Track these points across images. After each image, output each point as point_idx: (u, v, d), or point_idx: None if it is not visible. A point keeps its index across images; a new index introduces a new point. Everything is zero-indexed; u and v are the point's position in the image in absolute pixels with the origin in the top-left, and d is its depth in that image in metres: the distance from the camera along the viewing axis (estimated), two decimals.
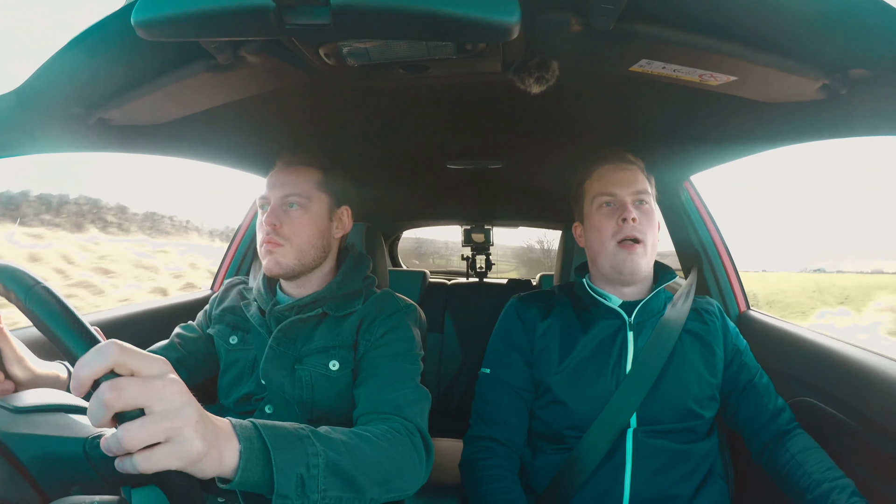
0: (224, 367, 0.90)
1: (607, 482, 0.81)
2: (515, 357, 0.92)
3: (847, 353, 0.86)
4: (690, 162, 1.16)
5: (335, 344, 0.83)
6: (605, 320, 0.89)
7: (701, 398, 0.85)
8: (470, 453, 0.89)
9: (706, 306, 0.95)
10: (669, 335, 0.86)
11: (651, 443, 0.82)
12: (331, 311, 0.86)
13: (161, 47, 0.58)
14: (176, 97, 0.72)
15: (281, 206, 0.86)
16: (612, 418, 0.81)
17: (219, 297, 0.97)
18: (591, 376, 0.85)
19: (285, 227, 0.84)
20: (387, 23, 0.47)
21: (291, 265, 0.84)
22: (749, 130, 0.89)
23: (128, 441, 0.37)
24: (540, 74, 0.63)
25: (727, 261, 1.27)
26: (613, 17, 0.51)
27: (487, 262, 2.38)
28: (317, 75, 0.67)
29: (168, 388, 0.39)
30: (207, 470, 0.43)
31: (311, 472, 0.52)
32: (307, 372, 0.82)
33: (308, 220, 0.86)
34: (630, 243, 0.86)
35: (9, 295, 0.44)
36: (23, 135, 0.71)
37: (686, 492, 0.82)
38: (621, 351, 0.86)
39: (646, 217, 0.88)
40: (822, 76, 0.59)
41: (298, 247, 0.85)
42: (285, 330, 0.84)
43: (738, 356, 0.91)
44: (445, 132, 1.04)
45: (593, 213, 0.91)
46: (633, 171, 0.91)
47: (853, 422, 0.80)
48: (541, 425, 0.89)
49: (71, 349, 0.40)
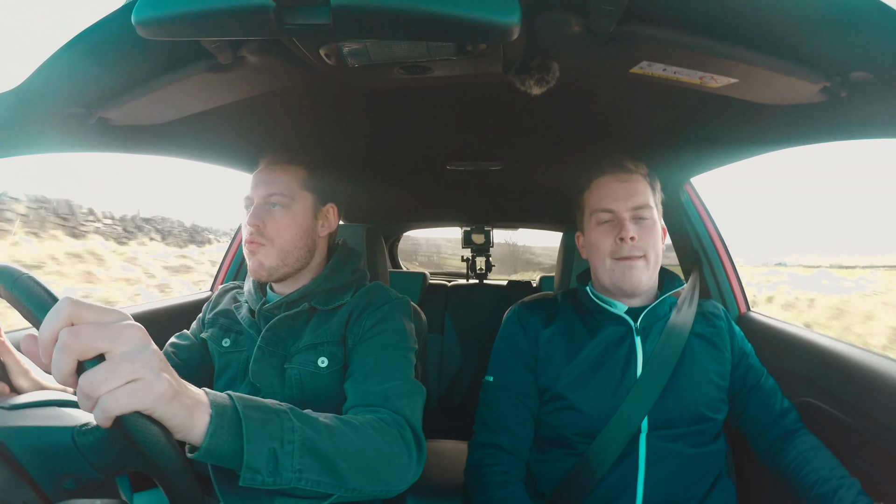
0: (218, 371, 0.89)
1: (620, 485, 0.81)
2: (519, 364, 0.91)
3: (848, 354, 0.86)
4: (691, 164, 1.16)
5: (323, 340, 0.82)
6: (612, 325, 0.89)
7: (711, 400, 0.85)
8: (475, 460, 0.88)
9: (712, 309, 0.95)
10: (678, 339, 0.85)
11: (664, 447, 0.82)
12: (319, 305, 0.85)
13: (161, 47, 0.58)
14: (176, 97, 0.72)
15: (264, 206, 0.84)
16: (624, 422, 0.81)
17: (213, 301, 0.97)
18: (600, 381, 0.85)
19: (268, 228, 0.83)
20: (387, 23, 0.47)
21: (275, 266, 0.83)
22: (750, 133, 0.88)
23: (90, 386, 0.37)
24: (540, 76, 0.63)
25: (727, 263, 1.27)
26: (614, 19, 0.51)
27: (487, 264, 2.38)
28: (317, 75, 0.67)
29: (126, 332, 0.39)
30: (176, 423, 0.42)
31: (284, 447, 0.50)
32: (296, 370, 0.81)
33: (291, 220, 0.85)
34: (629, 259, 0.84)
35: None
36: (23, 135, 0.71)
37: (698, 494, 0.82)
38: (629, 355, 0.86)
39: (646, 232, 0.86)
40: (822, 79, 0.59)
41: (281, 247, 0.83)
42: (274, 328, 0.83)
43: (745, 358, 0.91)
44: (445, 133, 1.04)
45: (592, 229, 0.89)
46: (633, 181, 0.88)
47: (855, 422, 0.80)
48: (549, 431, 0.88)
49: (39, 319, 0.40)
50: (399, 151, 1.18)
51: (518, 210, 2.09)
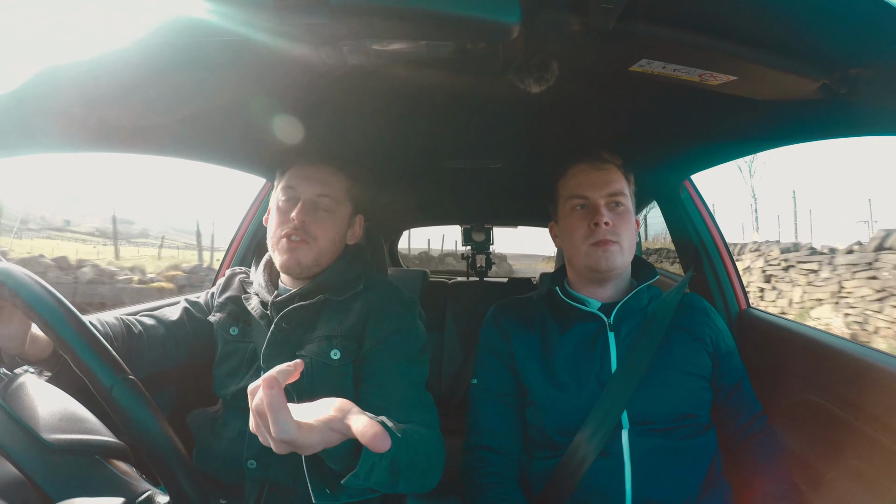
0: (220, 357, 0.89)
1: (606, 483, 0.81)
2: (498, 365, 0.92)
3: (848, 350, 0.86)
4: (690, 161, 1.16)
5: (338, 333, 0.83)
6: (584, 323, 0.89)
7: (693, 392, 0.85)
8: (467, 463, 0.89)
9: (696, 303, 0.95)
10: (655, 332, 0.85)
11: (648, 441, 0.82)
12: (332, 296, 0.86)
13: (161, 47, 0.58)
14: (176, 98, 0.72)
15: (312, 204, 0.85)
16: (601, 419, 0.81)
17: (222, 284, 0.97)
18: (574, 379, 0.85)
19: (313, 226, 0.84)
20: (387, 22, 0.47)
21: (310, 264, 0.85)
22: (749, 130, 0.89)
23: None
24: (539, 74, 0.63)
25: (727, 259, 1.27)
26: (613, 17, 0.51)
27: (487, 262, 2.38)
28: (317, 75, 0.67)
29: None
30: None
31: (380, 461, 0.55)
32: (307, 359, 0.81)
33: (332, 224, 0.87)
34: (604, 242, 0.85)
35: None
36: (23, 135, 0.71)
37: (690, 491, 0.82)
38: (604, 352, 0.86)
39: (620, 219, 0.86)
40: (821, 75, 0.59)
41: (320, 248, 0.85)
42: (287, 317, 0.84)
43: (726, 357, 0.91)
44: (445, 132, 1.04)
45: (567, 215, 0.90)
46: (608, 170, 0.88)
47: (854, 418, 0.80)
48: (533, 431, 0.89)
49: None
50: (399, 150, 1.18)
51: (518, 208, 2.09)
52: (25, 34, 0.51)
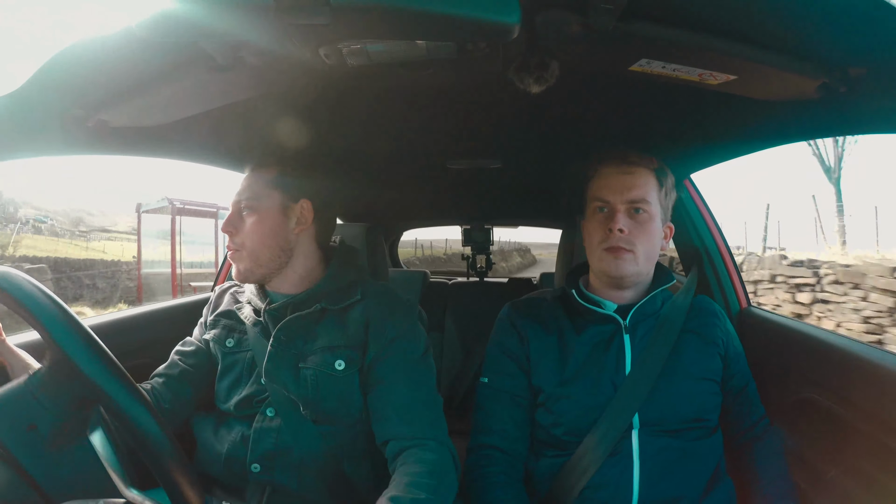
0: (222, 371, 0.88)
1: (614, 483, 0.81)
2: (511, 365, 0.91)
3: (849, 349, 0.86)
4: (690, 160, 1.16)
5: (341, 343, 0.82)
6: (600, 325, 0.88)
7: (703, 395, 0.85)
8: (472, 462, 0.88)
9: (707, 306, 0.95)
10: (668, 335, 0.85)
11: (657, 442, 0.82)
12: (329, 305, 0.85)
13: (160, 48, 0.58)
14: (175, 98, 0.72)
15: (235, 213, 0.85)
16: (613, 420, 0.81)
17: (212, 303, 0.96)
18: (588, 381, 0.85)
19: (239, 233, 0.84)
20: (387, 23, 0.47)
21: (249, 268, 0.84)
22: (748, 129, 0.89)
23: None
24: (540, 74, 0.63)
25: (727, 258, 1.27)
26: (613, 17, 0.51)
27: (488, 262, 2.38)
28: (317, 76, 0.67)
29: None
30: None
31: None
32: (312, 371, 0.81)
33: (257, 222, 0.84)
34: (616, 249, 0.84)
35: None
36: (22, 137, 0.71)
37: (695, 491, 0.82)
38: (619, 354, 0.86)
39: (639, 227, 0.85)
40: (821, 74, 0.59)
41: (251, 251, 0.83)
42: (286, 328, 0.83)
43: (735, 361, 0.91)
44: (445, 132, 1.04)
45: (589, 217, 0.90)
46: (635, 174, 0.87)
47: (855, 417, 0.80)
48: (541, 432, 0.89)
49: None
50: (399, 150, 1.18)
51: (518, 208, 2.09)
52: (25, 34, 0.50)
